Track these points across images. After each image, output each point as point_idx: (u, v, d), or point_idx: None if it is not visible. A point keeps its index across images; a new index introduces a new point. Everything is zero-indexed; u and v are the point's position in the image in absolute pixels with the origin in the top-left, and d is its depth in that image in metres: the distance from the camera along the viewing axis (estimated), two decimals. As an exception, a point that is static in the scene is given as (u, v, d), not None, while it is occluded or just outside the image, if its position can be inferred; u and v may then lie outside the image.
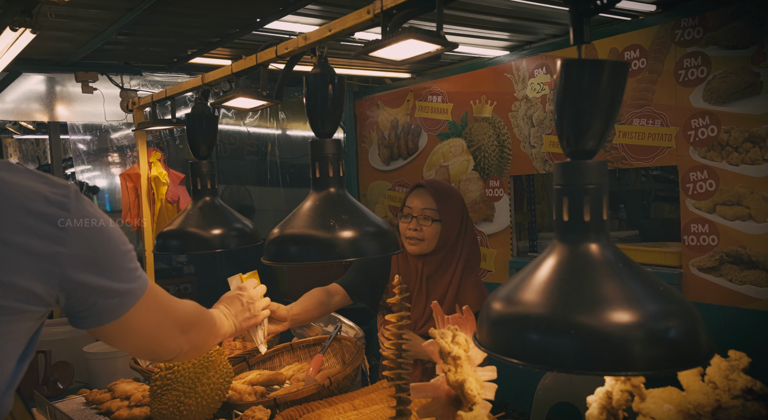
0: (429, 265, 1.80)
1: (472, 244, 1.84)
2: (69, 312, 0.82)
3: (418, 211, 1.79)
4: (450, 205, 1.80)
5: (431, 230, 1.76)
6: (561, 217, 0.85)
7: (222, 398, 1.57)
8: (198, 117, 1.79)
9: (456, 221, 1.79)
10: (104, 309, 0.82)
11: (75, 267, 0.77)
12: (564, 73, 0.82)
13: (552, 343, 0.76)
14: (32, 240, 0.73)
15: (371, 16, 1.19)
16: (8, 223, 0.72)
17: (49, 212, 0.75)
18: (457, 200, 1.84)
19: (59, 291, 0.77)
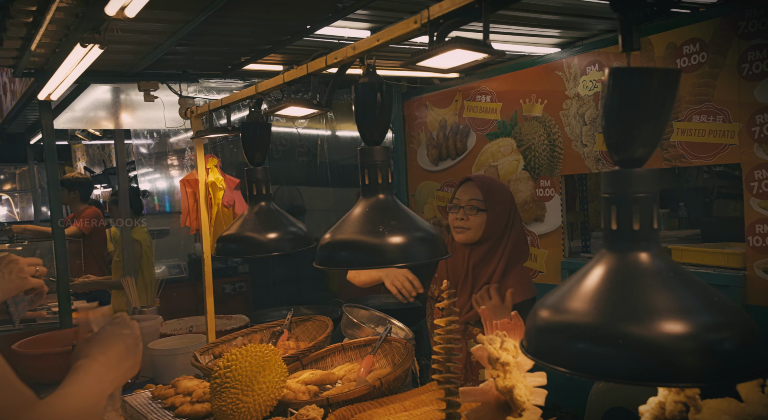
0: (475, 254, 1.89)
1: (519, 237, 1.93)
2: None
3: (465, 202, 1.91)
4: (496, 197, 1.90)
5: (477, 219, 1.87)
6: (609, 225, 0.84)
7: (277, 396, 1.64)
8: (252, 125, 1.87)
9: (503, 212, 1.89)
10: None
11: None
12: (612, 80, 0.81)
13: (599, 353, 0.76)
14: None
15: (418, 25, 1.21)
16: None
17: None
18: (504, 193, 1.94)
19: None
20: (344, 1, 2.42)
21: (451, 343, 1.25)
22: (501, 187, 1.96)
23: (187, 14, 2.30)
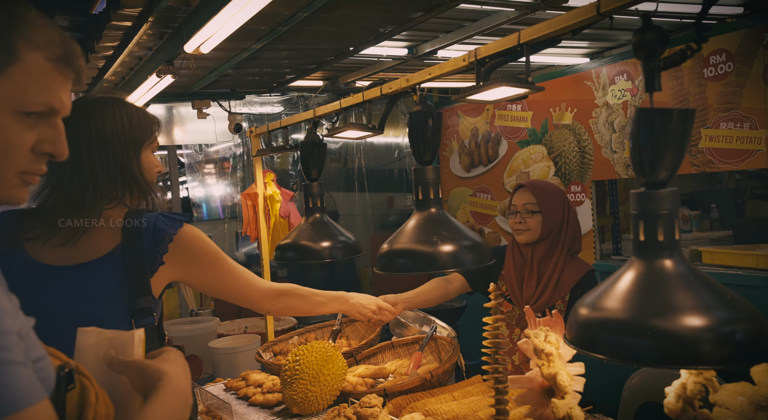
0: (538, 252, 2.08)
1: (576, 231, 2.11)
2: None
3: (521, 207, 2.10)
4: (548, 198, 2.09)
5: (534, 221, 2.07)
6: (638, 237, 1.02)
7: (339, 387, 1.84)
8: (310, 145, 2.08)
9: (557, 211, 2.08)
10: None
11: None
12: (638, 118, 0.99)
13: (631, 342, 0.93)
14: None
15: (466, 63, 1.40)
16: None
17: None
18: (556, 193, 2.13)
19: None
20: (386, 26, 2.63)
21: (498, 338, 1.43)
22: (552, 188, 2.15)
23: (243, 43, 2.54)
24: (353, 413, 1.63)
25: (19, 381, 0.58)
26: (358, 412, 1.63)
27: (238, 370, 2.53)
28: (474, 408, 1.66)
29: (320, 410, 1.81)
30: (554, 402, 1.15)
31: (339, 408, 1.66)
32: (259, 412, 1.87)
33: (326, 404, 1.81)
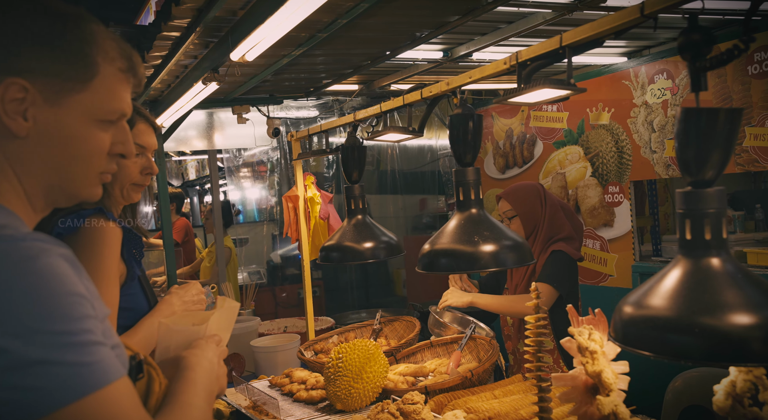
0: None
1: (553, 220, 2.30)
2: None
3: (504, 215, 2.36)
4: (520, 200, 2.31)
5: (515, 224, 2.32)
6: (684, 236, 1.03)
7: (381, 385, 1.88)
8: (350, 148, 2.13)
9: (533, 209, 2.30)
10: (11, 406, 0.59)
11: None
12: (684, 118, 1.00)
13: (679, 340, 0.94)
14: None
15: (507, 66, 1.42)
16: None
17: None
18: (529, 193, 2.33)
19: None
20: (422, 30, 2.66)
21: (540, 337, 1.44)
22: (524, 189, 2.36)
23: (284, 50, 2.61)
24: (396, 409, 1.67)
25: (105, 359, 0.64)
26: (401, 409, 1.66)
27: (279, 368, 2.60)
28: (516, 406, 1.68)
29: (363, 407, 1.86)
30: (599, 399, 1.17)
31: (382, 404, 1.71)
32: (304, 408, 1.93)
33: (369, 401, 1.85)
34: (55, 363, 0.60)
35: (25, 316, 0.60)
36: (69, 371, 0.61)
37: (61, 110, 0.72)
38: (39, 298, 0.61)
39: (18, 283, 0.61)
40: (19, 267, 0.62)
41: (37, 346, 0.60)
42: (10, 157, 0.71)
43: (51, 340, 0.61)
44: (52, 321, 0.61)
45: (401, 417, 1.66)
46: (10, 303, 0.60)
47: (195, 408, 0.78)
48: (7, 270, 0.61)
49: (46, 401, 0.59)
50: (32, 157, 0.72)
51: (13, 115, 0.69)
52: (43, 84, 0.70)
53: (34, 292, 0.61)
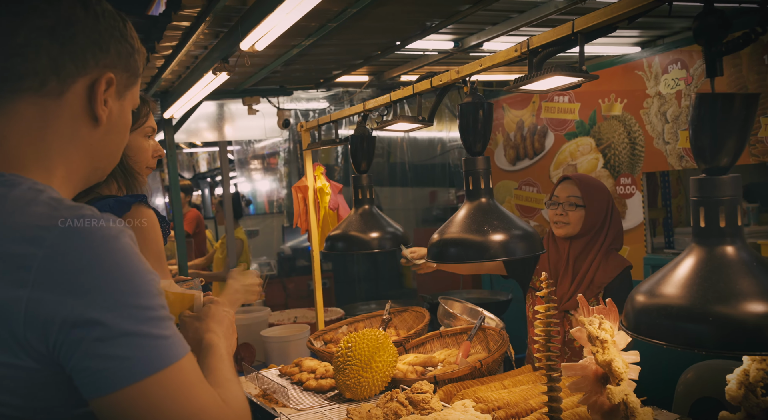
0: (575, 248, 2.05)
1: (618, 230, 2.06)
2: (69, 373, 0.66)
3: (564, 199, 2.05)
4: (594, 194, 2.04)
5: (576, 215, 2.03)
6: (698, 223, 1.01)
7: (391, 374, 1.89)
8: (359, 138, 2.12)
9: (600, 208, 2.03)
10: (86, 375, 0.64)
11: (41, 314, 0.63)
12: (699, 104, 0.98)
13: (693, 328, 0.93)
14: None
15: (518, 53, 1.41)
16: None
17: (16, 251, 0.64)
18: (602, 190, 2.07)
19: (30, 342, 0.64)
20: (432, 20, 2.64)
21: (550, 327, 1.44)
22: (598, 184, 2.10)
23: (294, 40, 2.61)
24: (405, 398, 1.67)
25: (177, 333, 0.69)
26: (410, 398, 1.67)
27: (289, 357, 2.61)
28: (525, 396, 1.67)
29: (372, 396, 1.86)
30: (610, 388, 1.16)
31: (391, 393, 1.71)
32: (313, 397, 1.94)
33: (378, 390, 1.85)
34: (141, 335, 0.65)
35: (115, 291, 0.65)
36: (153, 343, 0.66)
37: (124, 102, 0.81)
38: (126, 274, 0.66)
39: (107, 259, 0.65)
40: (105, 245, 0.66)
41: (126, 319, 0.64)
42: (79, 144, 0.77)
43: (138, 314, 0.65)
44: (138, 296, 0.66)
45: (410, 406, 1.66)
46: (101, 278, 0.64)
47: (233, 382, 0.83)
48: (96, 248, 0.66)
49: (133, 370, 0.64)
50: (98, 143, 0.79)
51: (102, 105, 0.76)
52: (120, 77, 0.78)
53: (122, 269, 0.66)
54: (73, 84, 0.74)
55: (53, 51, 0.72)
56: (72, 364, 0.64)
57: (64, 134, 0.75)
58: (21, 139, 0.73)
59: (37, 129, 0.74)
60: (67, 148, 0.76)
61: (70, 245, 0.65)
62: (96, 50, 0.75)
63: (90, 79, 0.75)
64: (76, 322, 0.63)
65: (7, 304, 0.63)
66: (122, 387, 0.64)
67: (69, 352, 0.64)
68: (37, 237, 0.65)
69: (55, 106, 0.74)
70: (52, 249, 0.64)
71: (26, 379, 0.66)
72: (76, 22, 0.73)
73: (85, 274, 0.64)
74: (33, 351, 0.64)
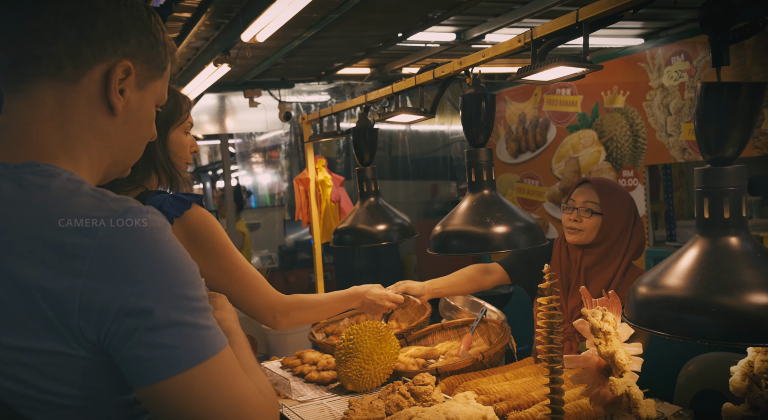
0: (588, 258, 1.88)
1: (640, 242, 1.89)
2: (117, 361, 0.68)
3: (580, 204, 1.88)
4: (614, 201, 1.86)
5: (591, 222, 1.85)
6: (702, 214, 1.00)
7: (392, 366, 1.89)
8: (362, 130, 2.12)
9: (620, 217, 1.85)
10: (136, 363, 0.66)
11: (95, 303, 0.64)
12: (704, 93, 0.97)
13: (695, 320, 0.92)
14: (46, 273, 0.64)
15: (522, 44, 1.40)
16: (23, 258, 0.65)
17: (70, 241, 0.65)
18: (623, 197, 1.89)
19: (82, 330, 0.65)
20: (434, 11, 2.63)
21: (553, 319, 1.43)
22: (620, 191, 1.91)
23: (295, 32, 2.59)
24: (407, 390, 1.67)
25: (217, 325, 0.71)
26: (412, 390, 1.67)
27: (290, 350, 2.62)
28: (527, 388, 1.67)
29: (374, 387, 1.86)
30: (612, 380, 1.16)
31: (393, 385, 1.71)
32: (315, 389, 1.94)
33: (380, 382, 1.86)
34: (189, 325, 0.67)
35: (165, 281, 0.66)
36: (199, 333, 0.67)
37: (145, 94, 0.80)
38: (174, 265, 0.68)
39: (157, 251, 0.67)
40: (155, 237, 0.68)
41: (176, 309, 0.66)
42: (97, 133, 0.77)
43: (186, 305, 0.67)
44: (185, 287, 0.68)
45: (412, 398, 1.66)
46: (153, 269, 0.66)
47: (258, 369, 0.84)
48: (147, 239, 0.67)
49: (181, 360, 0.66)
50: (116, 134, 0.78)
51: (117, 93, 0.76)
52: (140, 68, 0.78)
53: (170, 260, 0.68)
54: (89, 70, 0.74)
55: (71, 36, 0.72)
56: (122, 352, 0.66)
57: (82, 122, 0.75)
58: (44, 125, 0.74)
59: (57, 115, 0.74)
60: (87, 137, 0.76)
61: (122, 236, 0.66)
62: (115, 38, 0.75)
63: (107, 66, 0.75)
64: (130, 312, 0.64)
65: (61, 294, 0.64)
66: (171, 376, 0.65)
67: (121, 340, 0.65)
68: (90, 228, 0.66)
69: (71, 92, 0.74)
70: (106, 240, 0.65)
71: (75, 367, 0.67)
72: (97, 9, 0.73)
73: (137, 264, 0.66)
74: (85, 340, 0.66)
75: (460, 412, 1.50)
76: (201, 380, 0.66)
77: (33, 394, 0.67)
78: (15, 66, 0.73)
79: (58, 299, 0.64)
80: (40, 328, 0.65)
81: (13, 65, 0.73)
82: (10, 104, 0.75)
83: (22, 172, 0.71)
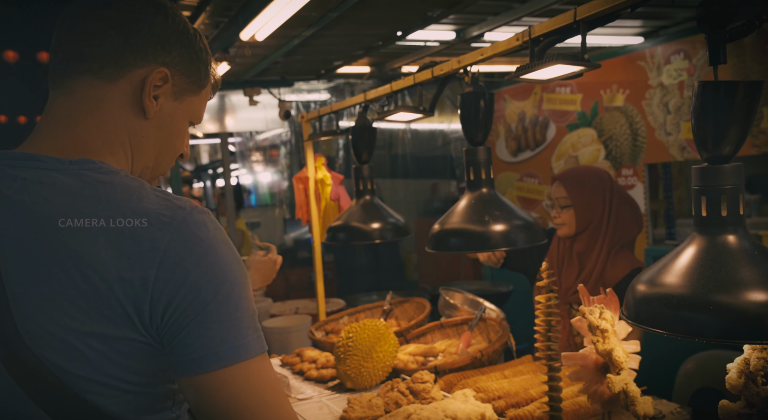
0: (578, 245, 2.04)
1: (619, 219, 1.99)
2: (166, 348, 0.72)
3: (555, 201, 2.05)
4: (581, 190, 1.99)
5: (568, 215, 2.00)
6: (700, 213, 1.01)
7: (391, 364, 1.89)
8: (360, 129, 2.12)
9: (593, 202, 1.98)
10: (191, 352, 0.69)
11: (166, 293, 0.68)
12: (701, 92, 0.97)
13: (693, 317, 0.93)
14: (123, 264, 0.68)
15: (520, 42, 1.40)
16: (102, 249, 0.68)
17: (145, 234, 0.69)
18: (591, 183, 2.00)
19: (152, 319, 0.69)
20: (434, 9, 2.63)
21: (551, 317, 1.44)
22: (587, 178, 2.02)
23: (295, 30, 2.59)
24: (406, 388, 1.68)
25: (260, 329, 0.76)
26: (411, 387, 1.67)
27: (291, 348, 2.62)
28: (525, 386, 1.68)
29: (373, 385, 1.87)
30: (610, 377, 1.16)
31: (392, 383, 1.71)
32: (314, 386, 1.95)
33: (379, 380, 1.86)
34: (241, 323, 0.72)
35: (226, 278, 0.71)
36: (248, 332, 0.73)
37: (181, 105, 0.84)
38: (233, 263, 0.73)
39: (219, 248, 0.72)
40: (216, 234, 0.73)
41: (232, 306, 0.71)
42: (132, 134, 0.81)
43: (241, 304, 0.73)
44: (241, 285, 0.73)
45: (411, 396, 1.66)
46: (218, 264, 0.71)
47: None
48: (211, 236, 0.72)
49: (229, 354, 0.70)
50: (148, 138, 0.83)
51: (150, 97, 0.80)
52: (177, 79, 0.83)
53: (229, 258, 0.73)
54: (129, 73, 0.79)
55: (117, 41, 0.78)
56: (176, 341, 0.70)
57: (118, 120, 0.80)
58: (85, 120, 0.78)
59: (97, 111, 0.79)
60: (123, 136, 0.80)
61: (191, 232, 0.71)
62: (158, 48, 0.80)
63: (146, 71, 0.80)
64: (191, 303, 0.69)
65: (137, 283, 0.68)
66: (217, 369, 0.69)
67: (177, 329, 0.69)
68: (163, 222, 0.70)
69: (108, 90, 0.79)
70: (177, 234, 0.70)
71: (140, 353, 0.71)
72: (145, 20, 0.79)
73: (206, 258, 0.70)
74: (152, 327, 0.70)
75: (459, 409, 1.50)
76: (243, 377, 0.70)
77: (99, 378, 0.70)
78: (63, 63, 0.79)
79: (134, 288, 0.68)
80: (114, 314, 0.68)
81: (61, 63, 0.79)
82: (55, 98, 0.80)
83: (79, 168, 0.74)
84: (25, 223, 0.71)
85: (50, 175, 0.73)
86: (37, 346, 0.68)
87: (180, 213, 0.72)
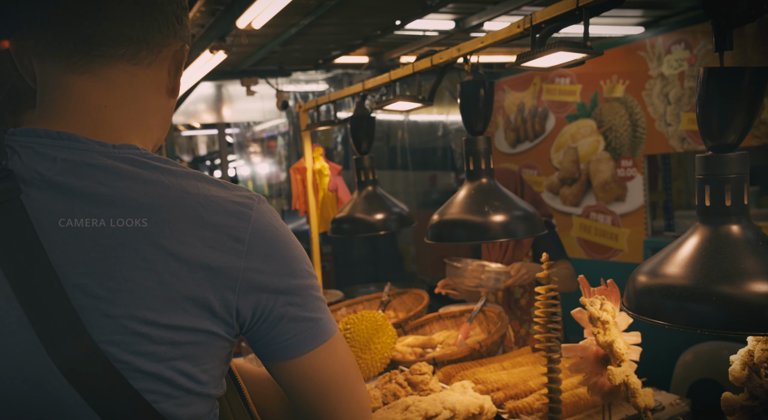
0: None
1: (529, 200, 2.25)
2: (251, 339, 0.73)
3: None
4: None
5: None
6: (703, 202, 0.99)
7: (390, 356, 1.88)
8: (359, 118, 2.09)
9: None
10: (287, 338, 0.71)
11: (254, 282, 0.68)
12: (707, 78, 0.95)
13: (696, 309, 0.91)
14: (207, 253, 0.66)
15: (521, 29, 1.37)
16: (183, 236, 0.66)
17: (226, 223, 0.68)
18: (504, 179, 2.25)
19: (239, 309, 0.69)
20: (433, -2, 2.59)
21: (550, 308, 1.42)
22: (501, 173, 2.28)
23: (292, 19, 2.56)
24: (404, 380, 1.67)
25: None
26: (409, 379, 1.66)
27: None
28: (524, 377, 1.67)
29: (371, 377, 1.86)
30: (611, 369, 1.15)
31: (390, 374, 1.70)
32: (312, 378, 1.94)
33: (377, 371, 1.85)
34: (322, 300, 0.76)
35: (303, 261, 0.74)
36: (326, 307, 0.77)
37: (180, 74, 0.81)
38: (299, 247, 0.75)
39: (289, 234, 0.74)
40: (282, 221, 0.75)
41: (313, 287, 0.75)
42: (160, 116, 0.79)
43: (315, 283, 0.75)
44: (310, 266, 0.76)
45: (409, 387, 1.65)
46: (294, 251, 0.73)
47: None
48: (282, 225, 0.74)
49: (324, 329, 0.74)
50: (169, 115, 0.81)
51: (180, 76, 0.79)
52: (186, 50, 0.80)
53: (296, 243, 0.75)
54: (159, 53, 0.75)
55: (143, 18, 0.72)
56: (276, 329, 0.71)
57: (151, 105, 0.76)
58: (121, 111, 0.73)
59: (131, 100, 0.74)
60: (152, 122, 0.77)
61: (267, 221, 0.72)
62: (175, 21, 0.76)
63: (172, 50, 0.76)
64: (284, 290, 0.71)
65: (226, 273, 0.67)
66: (320, 344, 0.74)
67: (275, 318, 0.71)
68: (241, 212, 0.70)
69: (144, 76, 0.75)
70: (257, 224, 0.70)
71: (214, 349, 0.69)
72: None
73: (285, 247, 0.72)
74: (236, 321, 0.69)
75: (458, 401, 1.49)
76: (330, 353, 0.75)
77: (171, 376, 0.66)
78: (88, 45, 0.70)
79: (222, 278, 0.67)
80: (196, 307, 0.66)
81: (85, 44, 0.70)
82: (76, 84, 0.71)
83: (126, 153, 0.70)
84: (82, 207, 0.64)
85: (95, 158, 0.67)
86: (101, 341, 0.62)
87: (250, 202, 0.71)
